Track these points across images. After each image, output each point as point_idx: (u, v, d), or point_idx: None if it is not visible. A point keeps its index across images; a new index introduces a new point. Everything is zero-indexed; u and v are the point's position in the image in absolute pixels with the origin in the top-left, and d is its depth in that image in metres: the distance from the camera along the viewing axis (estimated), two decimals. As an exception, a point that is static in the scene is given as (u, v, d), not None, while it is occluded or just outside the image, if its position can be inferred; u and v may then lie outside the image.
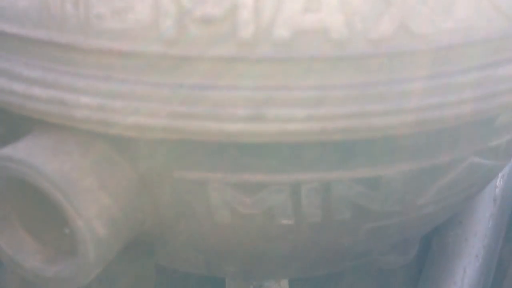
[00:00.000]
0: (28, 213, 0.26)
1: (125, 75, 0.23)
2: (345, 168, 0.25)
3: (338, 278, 0.43)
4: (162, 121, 0.22)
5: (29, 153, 0.23)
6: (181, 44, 0.22)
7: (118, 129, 0.23)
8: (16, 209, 0.26)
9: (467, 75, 0.24)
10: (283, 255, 0.30)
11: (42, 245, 0.26)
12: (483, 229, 0.43)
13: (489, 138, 0.28)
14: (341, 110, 0.23)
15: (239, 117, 0.22)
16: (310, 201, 0.26)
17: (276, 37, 0.22)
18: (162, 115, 0.22)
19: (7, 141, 0.27)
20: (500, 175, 0.44)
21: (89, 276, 0.24)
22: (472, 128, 0.26)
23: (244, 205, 0.26)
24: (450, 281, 0.41)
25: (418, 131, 0.24)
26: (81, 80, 0.23)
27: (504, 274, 0.43)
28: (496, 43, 0.25)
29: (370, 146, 0.25)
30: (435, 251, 0.43)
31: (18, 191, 0.25)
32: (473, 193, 0.32)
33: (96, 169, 0.24)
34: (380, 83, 0.23)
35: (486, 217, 0.43)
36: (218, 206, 0.26)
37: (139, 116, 0.22)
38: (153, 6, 0.22)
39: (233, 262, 0.31)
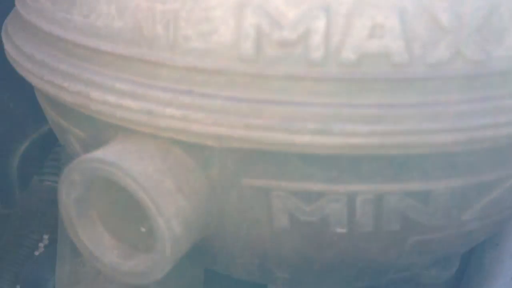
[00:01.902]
0: (107, 211, 0.28)
1: (206, 90, 0.25)
2: (398, 181, 0.27)
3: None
4: (239, 132, 0.25)
5: (118, 157, 0.26)
6: (258, 63, 0.25)
7: (198, 137, 0.26)
8: (96, 207, 0.28)
9: None
10: (333, 263, 0.32)
11: (119, 242, 0.28)
12: (519, 251, 0.44)
13: (533, 159, 0.29)
14: (399, 127, 0.25)
15: (308, 130, 0.25)
16: (364, 211, 0.28)
17: (343, 59, 0.25)
18: (239, 126, 0.25)
19: (87, 146, 0.30)
20: (537, 199, 0.45)
21: (164, 271, 0.26)
22: (518, 148, 0.28)
23: (303, 212, 0.28)
24: (485, 301, 0.42)
25: (468, 149, 0.26)
26: (167, 94, 0.25)
27: (539, 297, 0.44)
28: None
29: (423, 161, 0.27)
30: (471, 271, 0.44)
31: (99, 191, 0.28)
32: (514, 212, 0.33)
33: (174, 172, 0.26)
34: (436, 104, 0.25)
35: (522, 240, 0.44)
36: (279, 213, 0.28)
37: (218, 127, 0.25)
38: (235, 30, 0.25)
39: (286, 268, 0.33)
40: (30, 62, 0.29)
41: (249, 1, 0.25)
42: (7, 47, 0.32)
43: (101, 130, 0.28)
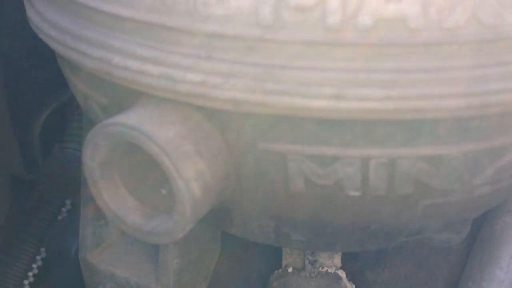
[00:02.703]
0: (128, 174, 0.30)
1: (225, 55, 0.26)
2: (411, 145, 0.28)
3: (388, 256, 0.45)
4: (256, 96, 0.25)
5: (140, 121, 0.26)
6: (275, 28, 0.25)
7: (217, 102, 0.26)
8: (119, 170, 0.29)
9: None
10: (346, 226, 0.33)
11: (141, 203, 0.29)
12: (531, 218, 0.44)
13: (546, 124, 0.30)
14: (413, 92, 0.25)
15: (323, 95, 0.25)
16: (377, 175, 0.29)
17: (359, 24, 0.25)
18: (256, 91, 0.25)
19: (109, 111, 0.31)
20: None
21: (184, 231, 0.28)
22: (531, 114, 0.28)
23: (318, 175, 0.29)
24: (496, 266, 0.43)
25: (481, 114, 0.27)
26: (187, 59, 0.26)
27: (549, 263, 0.44)
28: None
29: (436, 126, 0.27)
30: (483, 237, 0.45)
31: (121, 155, 0.29)
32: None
33: (193, 137, 0.27)
34: (451, 68, 0.25)
35: (534, 207, 0.44)
36: (294, 176, 0.29)
37: (236, 92, 0.26)
38: None
39: (301, 230, 0.34)
40: (53, 28, 0.30)
41: None
42: (30, 13, 0.33)
43: (123, 96, 0.29)
